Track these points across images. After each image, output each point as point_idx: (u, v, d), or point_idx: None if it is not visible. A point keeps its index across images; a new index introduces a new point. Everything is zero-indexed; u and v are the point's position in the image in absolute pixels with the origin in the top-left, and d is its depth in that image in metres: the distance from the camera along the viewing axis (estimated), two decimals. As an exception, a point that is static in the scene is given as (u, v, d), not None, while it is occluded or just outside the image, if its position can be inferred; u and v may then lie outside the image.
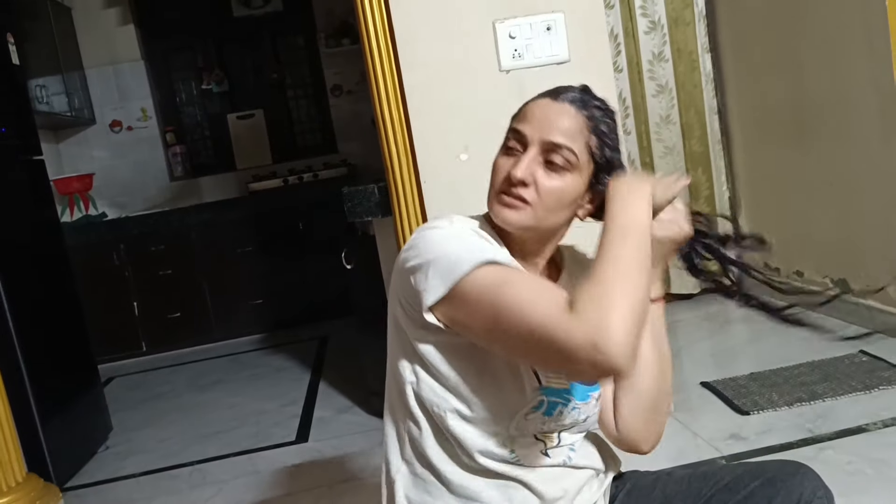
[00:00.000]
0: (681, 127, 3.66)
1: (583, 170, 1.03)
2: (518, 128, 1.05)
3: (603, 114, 1.05)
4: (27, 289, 2.69)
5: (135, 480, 2.71)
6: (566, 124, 1.02)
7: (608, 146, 1.05)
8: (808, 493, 1.01)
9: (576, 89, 1.06)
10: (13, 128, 2.84)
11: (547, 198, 1.02)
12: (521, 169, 1.01)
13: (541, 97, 1.07)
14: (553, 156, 1.01)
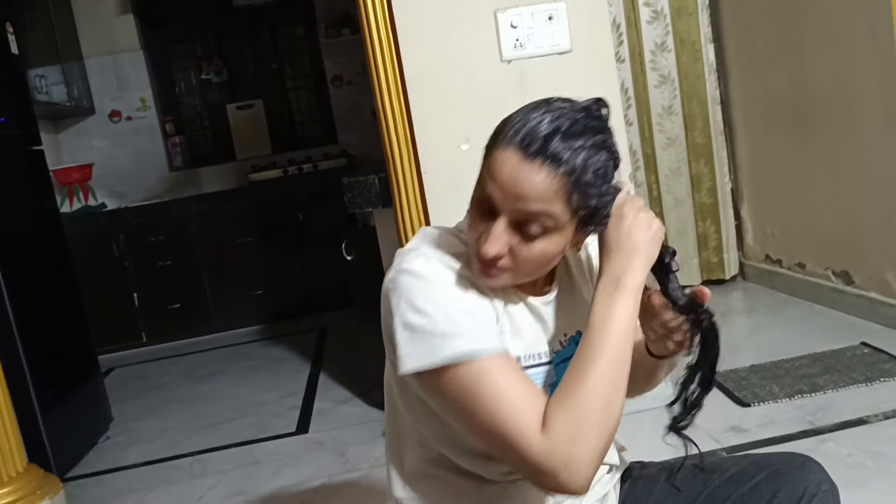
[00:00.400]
0: (683, 118, 3.65)
1: (564, 228, 0.91)
2: (487, 188, 0.90)
3: (588, 155, 0.88)
4: (27, 279, 2.69)
5: (135, 471, 2.71)
6: (539, 189, 0.87)
7: (595, 195, 0.90)
8: (812, 486, 1.01)
9: (559, 130, 0.87)
10: (12, 118, 2.83)
11: (526, 265, 0.92)
12: (489, 247, 0.89)
13: (511, 146, 0.88)
14: (526, 226, 0.89)
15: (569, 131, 0.87)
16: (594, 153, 0.88)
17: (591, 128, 0.89)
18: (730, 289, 3.76)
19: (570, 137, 0.87)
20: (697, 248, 3.74)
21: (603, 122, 0.93)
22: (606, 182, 0.91)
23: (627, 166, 2.38)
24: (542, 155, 0.86)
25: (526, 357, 1.00)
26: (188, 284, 4.65)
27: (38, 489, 2.32)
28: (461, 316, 0.90)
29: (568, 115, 0.89)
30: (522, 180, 0.87)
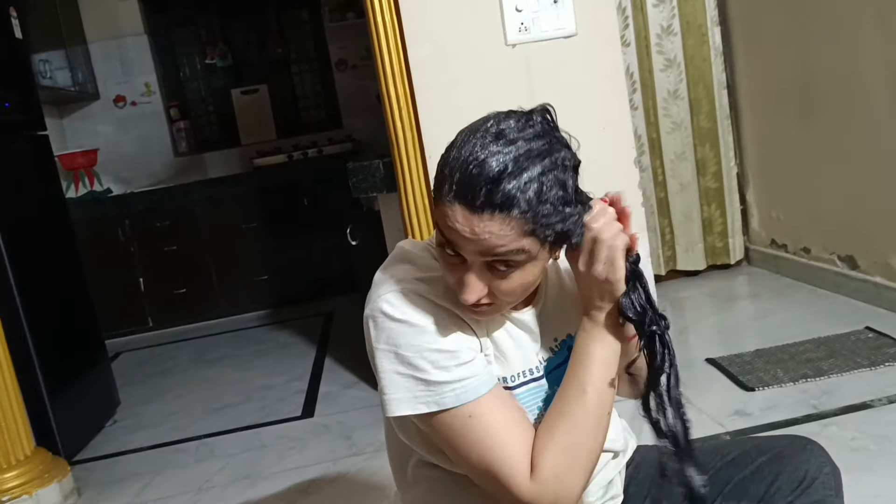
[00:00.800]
0: (689, 102, 3.63)
1: (539, 255, 0.88)
2: (446, 237, 0.87)
3: (540, 185, 0.82)
4: (33, 264, 2.70)
5: (142, 454, 2.74)
6: (497, 236, 0.83)
7: (559, 220, 0.85)
8: (814, 470, 1.01)
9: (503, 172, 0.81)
10: (17, 103, 2.83)
11: (508, 297, 0.90)
12: (468, 294, 0.87)
13: (456, 202, 0.83)
14: (498, 264, 0.86)
15: (514, 170, 0.81)
16: (547, 179, 0.83)
17: (538, 153, 0.83)
18: (735, 273, 3.76)
19: (516, 175, 0.81)
20: (703, 232, 3.74)
21: (548, 134, 0.87)
22: (568, 200, 0.86)
23: (633, 151, 2.37)
24: (491, 206, 0.81)
25: (515, 376, 1.00)
26: (194, 269, 4.67)
27: (46, 472, 2.34)
28: (445, 360, 0.91)
29: (509, 150, 0.82)
30: (479, 233, 0.83)
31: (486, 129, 0.85)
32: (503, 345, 0.99)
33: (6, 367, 2.29)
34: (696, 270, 3.77)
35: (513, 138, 0.83)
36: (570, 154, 0.88)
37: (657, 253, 3.68)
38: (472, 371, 0.92)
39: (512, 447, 0.89)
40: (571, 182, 0.87)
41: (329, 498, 2.14)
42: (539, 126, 0.86)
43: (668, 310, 3.30)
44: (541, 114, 0.88)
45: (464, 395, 0.90)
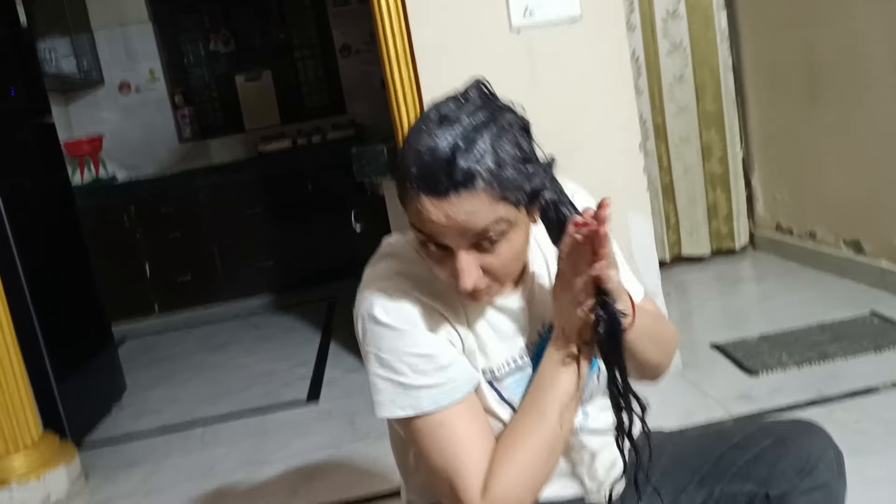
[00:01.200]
0: (694, 86, 3.60)
1: (518, 219, 0.88)
2: (425, 231, 0.87)
3: (495, 151, 0.83)
4: (41, 251, 2.71)
5: (149, 439, 2.75)
6: (471, 212, 0.83)
7: (525, 180, 0.86)
8: (817, 453, 1.01)
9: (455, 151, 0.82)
10: (23, 90, 2.83)
11: (504, 270, 0.90)
12: (465, 281, 0.87)
13: (421, 194, 0.84)
14: (483, 241, 0.86)
15: (464, 144, 0.82)
16: (499, 145, 0.84)
17: (484, 123, 0.84)
18: (740, 258, 3.75)
19: (468, 149, 0.82)
20: (707, 217, 3.72)
21: (488, 104, 0.87)
22: (527, 158, 0.86)
23: (637, 135, 2.36)
24: (455, 186, 0.82)
25: (500, 366, 1.00)
26: (199, 256, 4.67)
27: (53, 457, 2.36)
28: (424, 364, 0.93)
29: (455, 129, 0.83)
30: (454, 216, 0.83)
31: (428, 118, 0.86)
32: (486, 337, 0.99)
33: (14, 353, 2.31)
34: (701, 255, 3.76)
35: (455, 118, 0.84)
36: (516, 116, 0.89)
37: (662, 238, 3.67)
38: (449, 376, 0.94)
39: (471, 460, 0.92)
40: (525, 142, 0.87)
41: (333, 483, 2.15)
42: (477, 100, 0.87)
43: (673, 294, 3.30)
44: (475, 88, 0.89)
45: (441, 399, 0.93)
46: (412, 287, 0.95)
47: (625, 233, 2.36)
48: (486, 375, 1.00)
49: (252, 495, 2.18)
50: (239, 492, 2.21)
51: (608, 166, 2.32)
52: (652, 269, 2.40)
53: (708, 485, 1.06)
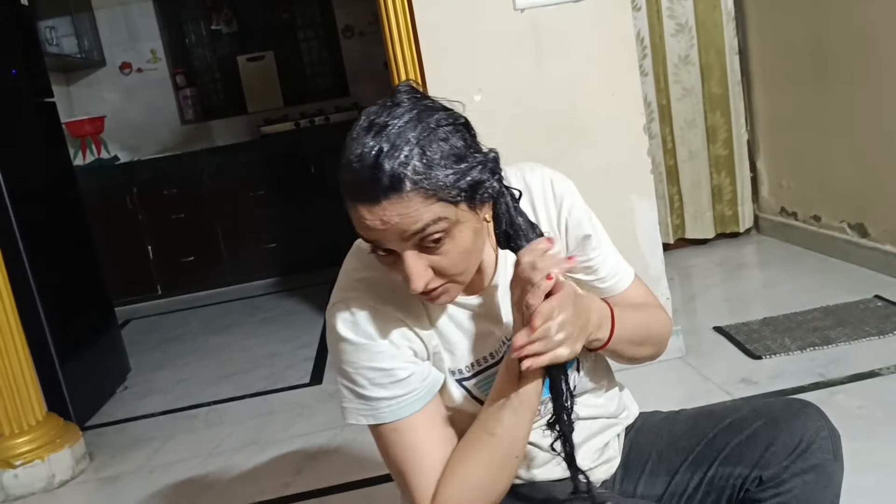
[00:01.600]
0: (700, 68, 3.58)
1: (459, 216, 0.87)
2: (367, 238, 0.88)
3: (421, 153, 0.83)
4: (43, 231, 2.71)
5: (153, 420, 2.77)
6: (405, 215, 0.83)
7: (458, 177, 0.85)
8: (810, 433, 0.99)
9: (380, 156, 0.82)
10: (24, 70, 2.81)
11: (454, 269, 0.89)
12: (416, 282, 0.87)
13: (356, 203, 0.84)
14: (423, 241, 0.86)
15: (389, 150, 0.82)
16: (426, 145, 0.83)
17: (409, 123, 0.84)
18: (744, 242, 3.74)
19: (393, 153, 0.82)
20: (712, 200, 3.71)
21: (416, 106, 0.86)
22: (460, 156, 0.86)
23: (642, 118, 2.34)
24: (384, 191, 0.82)
25: (469, 367, 1.00)
26: (202, 237, 4.68)
27: (57, 437, 2.37)
28: (381, 378, 0.95)
29: (383, 132, 0.83)
30: (388, 220, 0.83)
31: (358, 127, 0.86)
32: (451, 337, 1.00)
33: (17, 334, 2.31)
34: (705, 239, 3.75)
35: (382, 123, 0.84)
36: (447, 113, 0.88)
37: (665, 221, 3.66)
38: (409, 388, 0.95)
39: (427, 465, 0.94)
40: (458, 139, 0.87)
41: (336, 464, 2.16)
42: (406, 102, 0.87)
43: (676, 278, 3.29)
44: (405, 92, 0.89)
45: (399, 411, 0.95)
46: (373, 296, 0.96)
47: (628, 216, 2.35)
48: (455, 374, 1.00)
49: (256, 475, 2.19)
50: (243, 471, 2.22)
51: (612, 149, 2.31)
52: (655, 252, 2.39)
53: (701, 466, 1.05)
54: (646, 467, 1.10)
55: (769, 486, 0.99)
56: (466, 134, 0.89)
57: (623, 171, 2.32)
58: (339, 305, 0.97)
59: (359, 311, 0.96)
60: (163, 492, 2.19)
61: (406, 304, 0.97)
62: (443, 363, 1.00)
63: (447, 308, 1.00)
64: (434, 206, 0.84)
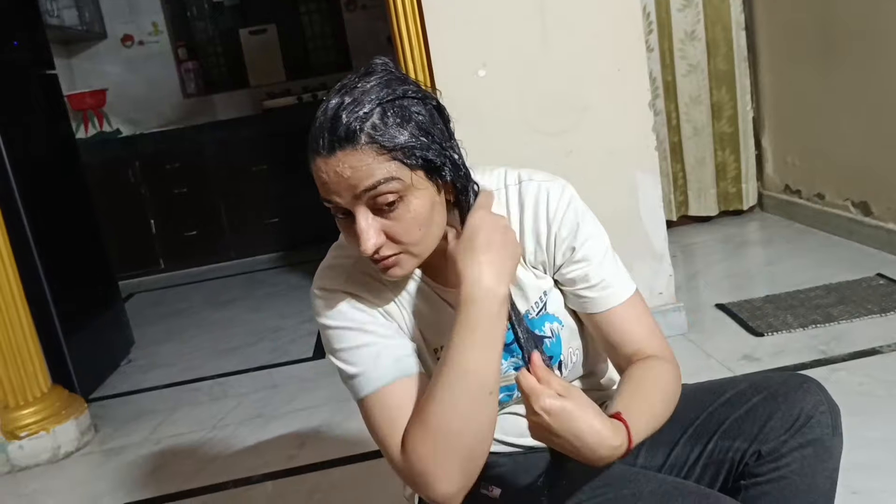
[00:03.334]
0: (706, 43, 3.55)
1: (415, 182, 0.87)
2: (325, 197, 0.89)
3: (382, 113, 0.84)
4: (45, 204, 2.71)
5: (158, 392, 2.79)
6: (360, 167, 0.84)
7: (419, 147, 0.86)
8: (809, 408, 0.99)
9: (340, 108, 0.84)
10: (25, 41, 2.80)
11: (407, 237, 0.89)
12: (365, 243, 0.87)
13: (315, 154, 0.86)
14: (378, 201, 0.86)
15: (349, 104, 0.84)
16: (388, 107, 0.85)
17: (375, 88, 0.86)
18: (747, 219, 3.73)
19: (353, 109, 0.84)
20: (716, 178, 3.70)
21: (388, 75, 0.88)
22: (425, 129, 0.87)
23: (647, 94, 2.33)
24: (339, 142, 0.84)
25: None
26: (204, 212, 4.68)
27: (63, 409, 2.39)
28: (350, 356, 0.98)
29: (349, 90, 0.86)
30: (341, 173, 0.85)
31: (332, 90, 0.89)
32: (429, 317, 1.02)
33: (21, 306, 2.32)
34: (709, 216, 3.75)
35: (352, 85, 0.87)
36: (418, 89, 0.89)
37: (669, 198, 3.65)
38: (380, 363, 0.96)
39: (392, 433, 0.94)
40: (425, 117, 0.88)
41: (339, 437, 2.18)
42: (380, 72, 0.89)
43: (679, 255, 3.30)
44: (380, 64, 0.90)
45: (367, 385, 0.97)
46: (338, 276, 1.01)
47: (632, 193, 2.35)
48: (439, 352, 1.01)
49: (260, 447, 2.21)
50: (247, 443, 2.24)
51: (617, 125, 2.30)
52: (659, 229, 2.39)
53: (700, 439, 1.06)
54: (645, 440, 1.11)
55: (768, 461, 1.00)
56: (436, 113, 0.90)
57: (627, 147, 2.31)
58: (316, 292, 1.02)
59: (333, 290, 1.00)
60: (168, 464, 2.21)
61: (376, 288, 1.00)
62: (422, 342, 1.01)
63: (421, 288, 1.01)
64: (388, 164, 0.85)
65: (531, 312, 1.04)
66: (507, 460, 1.07)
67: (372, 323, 0.99)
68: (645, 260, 2.38)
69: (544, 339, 1.04)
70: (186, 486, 2.05)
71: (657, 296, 2.42)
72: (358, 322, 0.98)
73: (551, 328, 1.05)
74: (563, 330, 1.06)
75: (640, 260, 2.36)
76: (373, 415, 0.97)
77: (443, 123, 0.91)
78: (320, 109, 0.87)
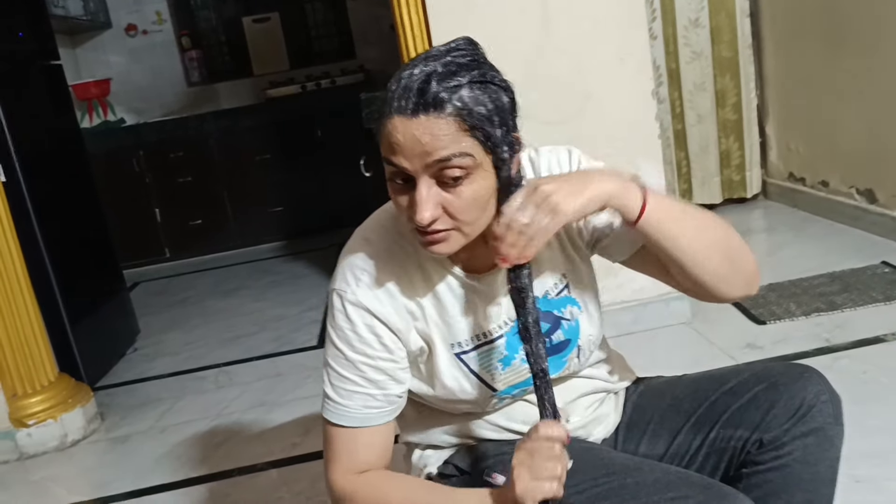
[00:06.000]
0: (710, 30, 3.53)
1: (483, 163, 0.87)
2: (392, 161, 0.88)
3: (471, 89, 0.84)
4: (51, 194, 2.72)
5: (163, 381, 2.80)
6: (437, 136, 0.83)
7: (497, 124, 0.86)
8: (810, 398, 1.00)
9: (431, 76, 0.84)
10: (29, 32, 2.80)
11: (464, 215, 0.88)
12: (423, 212, 0.86)
13: (394, 113, 0.86)
14: (445, 173, 0.85)
15: (442, 73, 0.84)
16: (476, 87, 0.85)
17: (466, 65, 0.86)
18: (751, 207, 3.73)
19: (444, 79, 0.84)
20: (720, 165, 3.69)
21: (476, 55, 0.88)
22: (504, 116, 0.87)
23: (651, 82, 2.32)
24: (424, 106, 0.83)
25: (463, 342, 1.02)
26: (209, 200, 4.69)
27: (69, 397, 2.41)
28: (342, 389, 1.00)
29: (439, 60, 0.85)
30: (419, 137, 0.84)
31: (415, 58, 0.88)
32: (450, 308, 1.01)
33: (28, 295, 2.34)
34: (712, 204, 3.74)
35: (440, 55, 0.87)
36: (503, 78, 0.89)
37: (673, 186, 3.65)
38: (351, 403, 0.99)
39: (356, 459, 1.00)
40: (508, 105, 0.88)
41: (345, 424, 2.19)
42: (467, 48, 0.89)
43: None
44: (466, 42, 0.90)
45: (337, 417, 1.00)
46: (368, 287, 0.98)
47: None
48: (455, 348, 1.01)
49: (265, 435, 2.22)
50: (252, 431, 2.26)
51: (620, 113, 2.30)
52: (662, 217, 2.39)
53: (702, 428, 1.07)
54: (647, 428, 1.12)
55: (769, 449, 1.01)
56: (512, 104, 0.90)
57: (631, 135, 2.31)
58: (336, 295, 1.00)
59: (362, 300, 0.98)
60: (173, 451, 2.23)
61: (405, 272, 0.99)
62: (441, 335, 1.01)
63: (448, 280, 1.00)
64: (466, 139, 0.84)
65: (550, 293, 1.04)
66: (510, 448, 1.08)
67: (370, 360, 0.99)
68: (648, 248, 2.37)
69: (562, 321, 1.04)
70: (192, 474, 2.07)
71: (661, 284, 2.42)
72: (358, 354, 0.99)
73: (571, 311, 1.05)
74: (581, 315, 1.06)
75: (643, 248, 2.36)
76: (332, 439, 1.02)
77: (514, 111, 0.91)
78: (404, 73, 0.86)
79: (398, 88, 0.85)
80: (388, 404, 1.02)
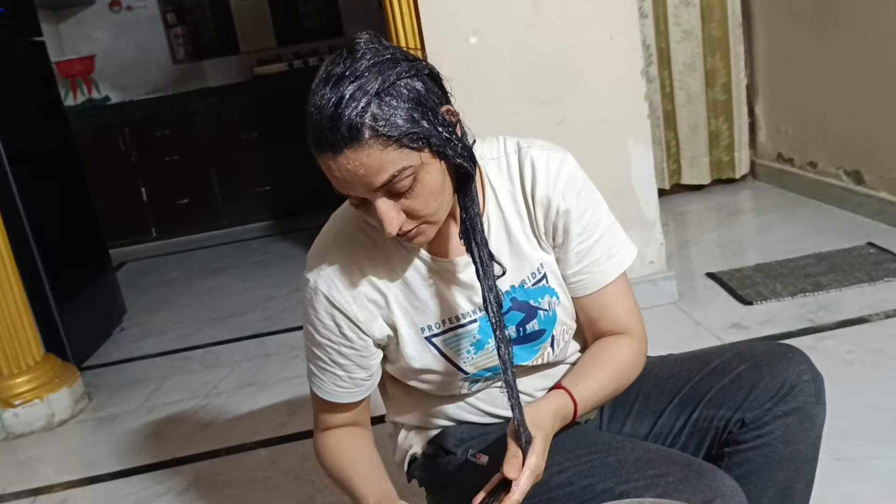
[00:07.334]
0: (700, 9, 3.51)
1: (423, 160, 0.86)
2: (341, 192, 0.90)
3: (381, 100, 0.82)
4: (35, 173, 2.69)
5: (150, 361, 2.80)
6: (371, 164, 0.83)
7: (417, 119, 0.84)
8: (793, 377, 1.01)
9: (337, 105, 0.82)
10: (11, 7, 2.75)
11: (426, 209, 0.89)
12: (389, 226, 0.87)
13: (320, 152, 0.85)
14: (395, 188, 0.86)
15: (347, 98, 0.82)
16: (385, 96, 0.83)
17: (367, 73, 0.83)
18: (739, 188, 3.74)
19: (350, 102, 0.81)
20: (709, 146, 3.69)
21: (376, 57, 0.85)
22: (422, 103, 0.85)
23: (640, 61, 2.31)
24: (343, 141, 0.82)
25: (433, 325, 1.02)
26: (195, 180, 4.65)
27: (56, 377, 2.40)
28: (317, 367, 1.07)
29: (340, 82, 0.83)
30: (354, 171, 0.84)
31: (319, 78, 0.86)
32: (420, 293, 1.02)
33: (13, 275, 2.32)
34: (701, 185, 3.75)
35: (341, 74, 0.84)
36: (409, 65, 0.87)
37: (661, 166, 3.65)
38: (324, 379, 1.07)
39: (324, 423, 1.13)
40: (422, 89, 0.86)
41: (333, 404, 2.20)
42: (366, 52, 0.86)
43: (671, 224, 3.30)
44: (365, 42, 0.87)
45: (316, 388, 1.09)
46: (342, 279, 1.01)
47: (624, 161, 2.34)
48: (425, 331, 1.02)
49: (253, 414, 2.23)
50: (240, 411, 2.26)
51: (609, 93, 2.29)
52: (651, 198, 2.39)
53: (686, 408, 1.08)
54: (632, 408, 1.13)
55: (751, 428, 1.02)
56: (429, 81, 0.88)
57: (620, 115, 2.30)
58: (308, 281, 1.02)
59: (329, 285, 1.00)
60: (161, 431, 2.23)
61: (370, 260, 1.01)
62: (410, 319, 1.02)
63: (415, 263, 1.01)
64: (397, 154, 0.84)
65: (527, 282, 1.04)
66: (495, 429, 1.09)
67: (333, 345, 1.04)
68: (636, 228, 2.38)
69: (539, 311, 1.05)
70: (180, 454, 2.07)
71: (648, 264, 2.43)
72: (323, 339, 1.04)
73: (549, 301, 1.05)
74: (558, 305, 1.06)
75: (631, 228, 2.36)
76: (312, 403, 1.13)
77: (437, 87, 0.90)
78: (313, 104, 0.84)
79: (311, 128, 0.84)
80: (355, 386, 1.07)
